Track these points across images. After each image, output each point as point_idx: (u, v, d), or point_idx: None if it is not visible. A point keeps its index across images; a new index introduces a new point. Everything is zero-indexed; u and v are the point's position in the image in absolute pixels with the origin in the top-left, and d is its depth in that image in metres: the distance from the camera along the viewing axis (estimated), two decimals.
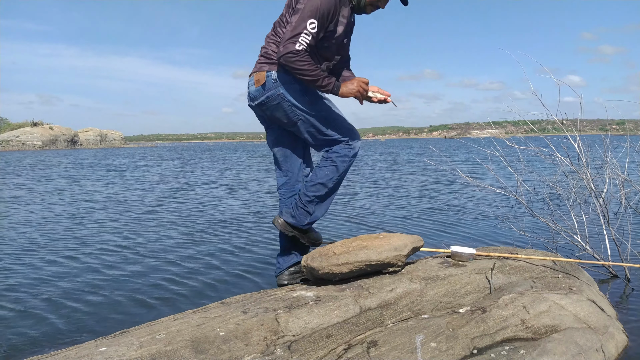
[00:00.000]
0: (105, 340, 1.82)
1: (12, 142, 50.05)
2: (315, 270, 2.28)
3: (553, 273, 2.43)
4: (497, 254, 2.67)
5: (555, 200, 4.14)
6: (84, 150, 47.84)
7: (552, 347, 1.77)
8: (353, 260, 2.25)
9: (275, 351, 1.73)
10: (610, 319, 2.14)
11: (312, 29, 2.12)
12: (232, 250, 4.43)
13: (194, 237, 5.11)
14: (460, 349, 1.77)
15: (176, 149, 61.17)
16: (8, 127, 53.63)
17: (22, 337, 2.53)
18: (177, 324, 1.91)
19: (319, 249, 2.42)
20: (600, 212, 3.48)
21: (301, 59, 2.11)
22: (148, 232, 5.44)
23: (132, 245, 4.71)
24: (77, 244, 4.84)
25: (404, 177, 12.28)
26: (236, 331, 1.82)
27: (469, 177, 4.20)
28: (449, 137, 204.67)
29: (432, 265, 2.48)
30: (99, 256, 4.28)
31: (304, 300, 2.11)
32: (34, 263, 4.07)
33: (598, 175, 3.54)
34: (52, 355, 1.74)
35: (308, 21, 2.10)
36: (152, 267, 3.88)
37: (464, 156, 22.58)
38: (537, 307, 2.01)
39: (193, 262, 4.02)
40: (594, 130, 7.94)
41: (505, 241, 4.47)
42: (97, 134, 62.13)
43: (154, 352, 1.65)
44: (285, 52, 2.11)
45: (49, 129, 53.15)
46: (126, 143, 72.29)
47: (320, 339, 1.82)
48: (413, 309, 2.06)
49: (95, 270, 3.80)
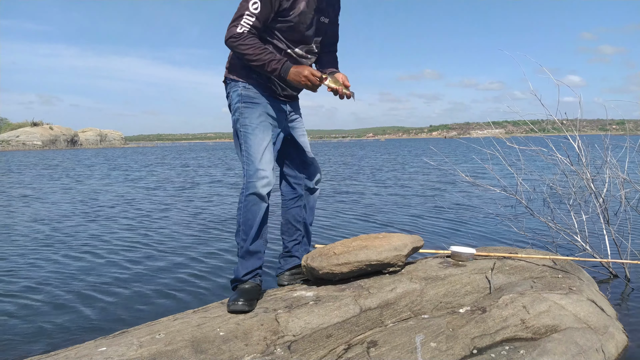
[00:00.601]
0: (105, 340, 1.82)
1: (12, 142, 50.03)
2: (315, 270, 2.28)
3: (553, 273, 2.43)
4: (497, 254, 2.67)
5: (555, 200, 4.14)
6: (85, 150, 47.83)
7: (552, 347, 1.77)
8: (353, 260, 2.25)
9: (275, 351, 1.73)
10: (610, 319, 2.14)
11: (255, 9, 1.96)
12: (233, 250, 4.43)
13: (194, 237, 5.10)
14: (460, 349, 1.77)
15: (177, 149, 61.15)
16: (8, 127, 53.64)
17: (22, 337, 2.53)
18: (177, 324, 1.91)
19: (319, 248, 2.42)
20: (600, 212, 3.48)
21: (243, 42, 1.96)
22: (148, 232, 5.44)
23: (131, 246, 4.71)
24: (78, 243, 4.84)
25: (404, 177, 12.28)
26: (236, 331, 1.82)
27: (469, 177, 4.20)
28: (449, 137, 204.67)
29: (432, 265, 2.48)
30: (98, 256, 4.28)
31: (304, 300, 2.11)
32: (35, 262, 4.07)
33: (598, 175, 3.54)
34: (52, 355, 1.74)
35: (250, 1, 1.96)
36: (152, 267, 3.88)
37: (464, 156, 22.58)
38: (537, 307, 2.01)
39: (193, 262, 4.02)
40: (594, 130, 7.94)
41: (505, 241, 4.47)
42: (97, 134, 62.13)
43: (154, 352, 1.65)
44: (228, 37, 1.99)
45: (48, 129, 53.14)
46: (126, 143, 72.27)
47: (320, 339, 1.82)
48: (413, 309, 2.06)
49: (95, 270, 3.80)
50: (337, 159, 24.77)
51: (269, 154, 2.14)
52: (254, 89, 2.16)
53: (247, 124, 2.13)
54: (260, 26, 1.99)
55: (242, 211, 2.14)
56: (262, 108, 2.15)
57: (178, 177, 13.85)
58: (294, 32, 2.11)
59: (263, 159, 2.10)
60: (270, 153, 2.15)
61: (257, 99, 2.15)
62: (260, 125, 2.14)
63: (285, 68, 1.99)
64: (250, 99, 2.15)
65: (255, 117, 2.13)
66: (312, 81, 1.99)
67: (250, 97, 2.15)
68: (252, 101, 2.15)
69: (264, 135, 2.14)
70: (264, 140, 2.13)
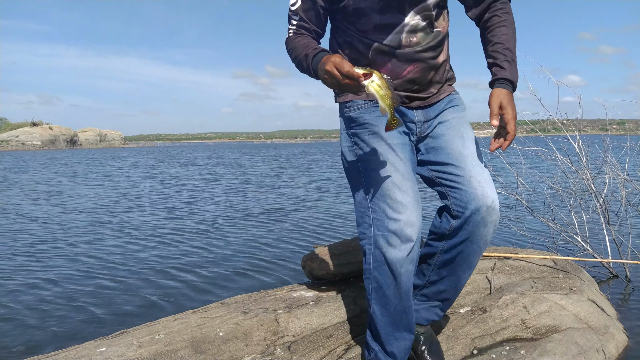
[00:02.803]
0: (105, 341, 1.81)
1: (11, 142, 50.03)
2: (315, 270, 2.28)
3: (553, 273, 2.43)
4: (498, 254, 2.67)
5: (555, 201, 4.13)
6: (85, 150, 47.81)
7: (553, 347, 1.77)
8: (353, 260, 2.25)
9: (275, 351, 1.72)
10: (611, 319, 2.14)
11: (293, 5, 1.46)
12: (232, 250, 4.42)
13: (193, 237, 5.10)
14: (461, 349, 1.77)
15: (178, 149, 61.12)
16: (8, 127, 53.65)
17: (22, 337, 2.53)
18: (176, 324, 1.91)
19: (319, 248, 2.41)
20: (600, 212, 3.48)
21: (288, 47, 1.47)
22: (148, 232, 5.43)
23: (131, 246, 4.71)
24: (78, 244, 4.84)
25: None
26: (236, 331, 1.81)
27: None
28: None
29: None
30: (97, 257, 4.28)
31: (304, 300, 2.10)
32: (35, 263, 4.06)
33: (598, 175, 3.54)
34: (52, 355, 1.74)
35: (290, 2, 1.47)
36: (152, 267, 3.88)
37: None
38: (538, 308, 2.01)
39: (193, 262, 4.01)
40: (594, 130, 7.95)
41: (505, 241, 4.47)
42: (96, 134, 62.14)
43: (153, 353, 1.65)
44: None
45: (48, 128, 53.14)
46: (125, 143, 72.30)
47: (320, 339, 1.81)
48: None
49: (94, 271, 3.80)
50: (337, 159, 24.75)
51: (403, 185, 1.43)
52: (363, 104, 1.52)
53: (363, 157, 1.49)
54: (308, 24, 1.46)
55: (368, 268, 1.48)
56: (377, 128, 1.49)
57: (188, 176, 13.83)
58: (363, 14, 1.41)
59: (393, 198, 1.41)
60: (398, 185, 1.43)
61: (366, 117, 1.51)
62: (381, 152, 1.46)
63: (315, 62, 1.31)
64: (357, 120, 1.53)
65: (377, 142, 1.47)
66: (339, 76, 1.19)
67: (357, 119, 1.53)
68: (361, 122, 1.52)
69: (389, 166, 1.44)
70: (390, 171, 1.44)
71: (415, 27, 1.41)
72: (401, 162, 1.46)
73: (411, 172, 1.49)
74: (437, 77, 1.52)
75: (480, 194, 1.43)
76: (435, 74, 1.51)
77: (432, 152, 1.54)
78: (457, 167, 1.48)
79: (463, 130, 1.55)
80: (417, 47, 1.43)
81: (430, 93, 1.53)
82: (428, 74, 1.49)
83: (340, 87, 1.23)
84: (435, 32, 1.45)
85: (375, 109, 1.48)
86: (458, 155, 1.49)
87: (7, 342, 2.45)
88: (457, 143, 1.51)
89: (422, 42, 1.43)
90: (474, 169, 1.47)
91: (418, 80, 1.49)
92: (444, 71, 1.54)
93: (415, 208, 1.42)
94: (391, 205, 1.40)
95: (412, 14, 1.40)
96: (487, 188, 1.45)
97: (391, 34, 1.41)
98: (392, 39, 1.42)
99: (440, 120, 1.55)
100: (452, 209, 1.49)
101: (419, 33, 1.42)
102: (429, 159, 1.55)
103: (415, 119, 1.53)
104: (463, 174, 1.46)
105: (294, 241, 4.74)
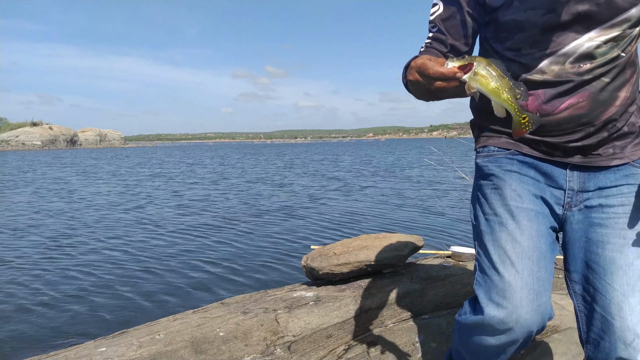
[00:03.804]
0: (105, 341, 1.82)
1: (11, 142, 50.05)
2: (315, 270, 2.28)
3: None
4: None
5: None
6: (87, 150, 47.81)
7: (553, 347, 1.77)
8: (353, 260, 2.24)
9: (275, 351, 1.72)
10: None
11: (432, 15, 1.14)
12: (232, 250, 4.42)
13: (193, 237, 5.10)
14: None
15: (179, 149, 61.14)
16: (8, 127, 53.66)
17: (22, 337, 2.53)
18: (176, 324, 1.91)
19: (319, 248, 2.41)
20: None
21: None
22: (148, 232, 5.43)
23: (131, 247, 4.71)
24: (78, 244, 4.83)
25: (403, 177, 12.27)
26: (236, 331, 1.82)
27: (469, 177, 4.20)
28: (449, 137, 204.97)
29: (432, 266, 2.47)
30: (97, 257, 4.28)
31: (304, 300, 2.10)
32: (34, 264, 4.06)
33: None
34: (52, 355, 1.74)
35: (432, 9, 1.16)
36: (152, 268, 3.88)
37: (466, 156, 22.60)
38: None
39: (193, 262, 4.01)
40: None
41: None
42: (96, 134, 62.18)
43: (153, 353, 1.65)
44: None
45: (48, 128, 53.17)
46: (125, 143, 72.33)
47: (320, 339, 1.81)
48: (413, 309, 2.05)
49: (94, 271, 3.80)
50: (338, 157, 24.76)
51: (519, 265, 1.06)
52: (494, 152, 1.17)
53: (479, 215, 1.17)
54: (444, 35, 1.12)
55: (456, 337, 1.23)
56: (508, 185, 1.13)
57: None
58: (519, 28, 1.05)
59: (501, 275, 1.06)
60: (512, 262, 1.07)
61: (492, 167, 1.17)
62: (500, 214, 1.12)
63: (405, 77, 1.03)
64: (483, 169, 1.19)
65: (497, 202, 1.13)
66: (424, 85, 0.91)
67: (482, 167, 1.19)
68: (486, 172, 1.18)
69: (504, 236, 1.09)
70: (504, 242, 1.09)
71: (584, 54, 1.02)
72: (523, 234, 1.08)
73: (539, 250, 1.09)
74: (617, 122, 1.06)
75: (619, 326, 1.01)
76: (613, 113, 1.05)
77: (570, 244, 1.15)
78: (600, 280, 1.06)
79: (628, 228, 1.06)
80: (594, 86, 1.03)
81: (604, 150, 1.08)
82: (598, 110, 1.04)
83: (436, 95, 0.95)
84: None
85: (508, 158, 1.14)
86: (607, 264, 1.06)
87: (7, 343, 2.46)
88: (614, 243, 1.06)
89: (594, 73, 1.03)
90: (620, 288, 1.03)
91: (584, 119, 1.04)
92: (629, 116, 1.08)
93: (530, 298, 1.03)
94: (497, 283, 1.06)
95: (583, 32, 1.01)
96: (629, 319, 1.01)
97: (547, 59, 1.04)
98: (551, 66, 1.04)
99: (604, 201, 1.08)
100: (580, 329, 1.12)
101: (592, 64, 1.02)
102: (565, 252, 1.18)
103: (565, 185, 1.10)
104: (605, 292, 1.05)
105: (294, 241, 4.74)
